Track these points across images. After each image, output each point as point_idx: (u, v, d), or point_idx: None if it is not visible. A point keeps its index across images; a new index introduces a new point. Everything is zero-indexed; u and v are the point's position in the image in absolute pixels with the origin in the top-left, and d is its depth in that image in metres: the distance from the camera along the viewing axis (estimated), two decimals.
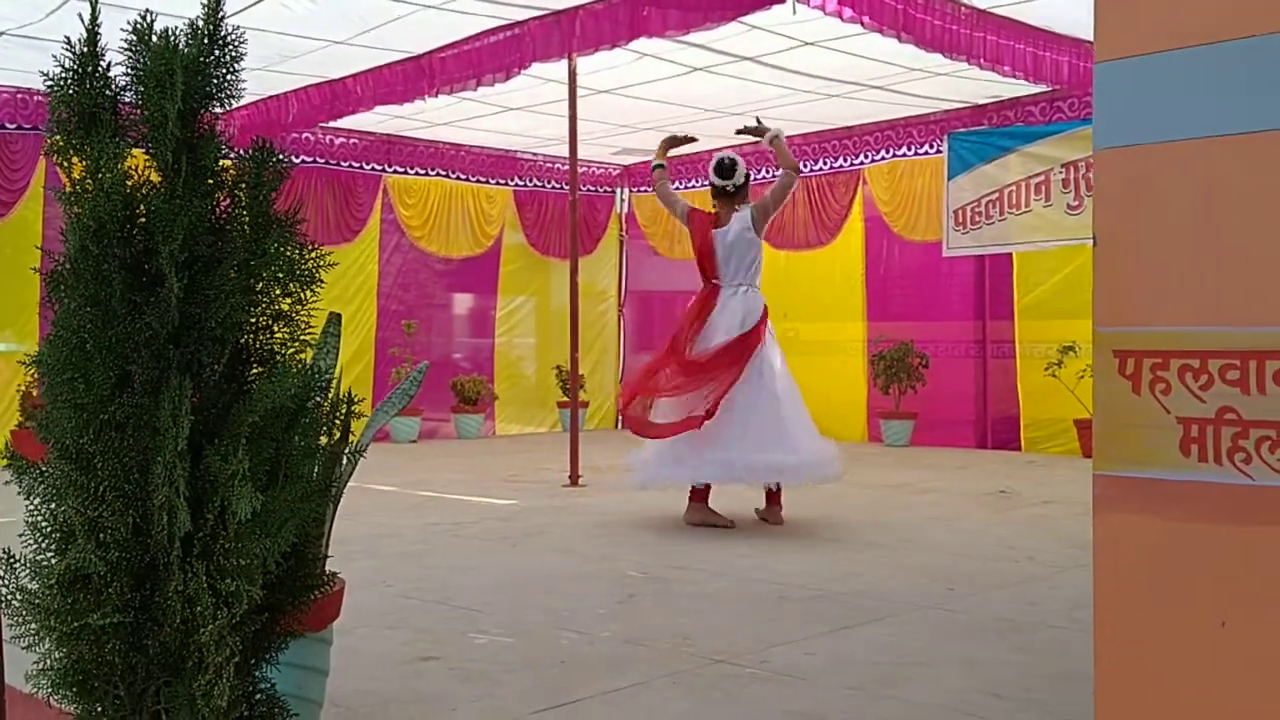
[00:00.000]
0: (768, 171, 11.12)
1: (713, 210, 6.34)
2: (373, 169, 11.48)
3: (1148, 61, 1.98)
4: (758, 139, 6.51)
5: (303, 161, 10.88)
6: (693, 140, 6.80)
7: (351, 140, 11.26)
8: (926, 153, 10.77)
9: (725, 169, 6.27)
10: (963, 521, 6.32)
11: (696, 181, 11.57)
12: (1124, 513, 1.95)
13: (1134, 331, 1.96)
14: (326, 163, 11.16)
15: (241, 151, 2.12)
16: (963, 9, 7.08)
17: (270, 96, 9.30)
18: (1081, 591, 4.17)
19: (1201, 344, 1.89)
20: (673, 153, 6.83)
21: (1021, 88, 9.31)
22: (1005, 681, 3.28)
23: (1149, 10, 2.00)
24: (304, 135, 10.77)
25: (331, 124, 10.24)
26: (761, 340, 6.03)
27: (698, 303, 6.24)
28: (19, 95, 9.31)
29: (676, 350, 6.11)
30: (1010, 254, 10.23)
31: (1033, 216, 9.86)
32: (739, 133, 6.63)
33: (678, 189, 12.90)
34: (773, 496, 6.22)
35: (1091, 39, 2.06)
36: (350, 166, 11.33)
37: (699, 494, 6.16)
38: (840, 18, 6.59)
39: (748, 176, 6.32)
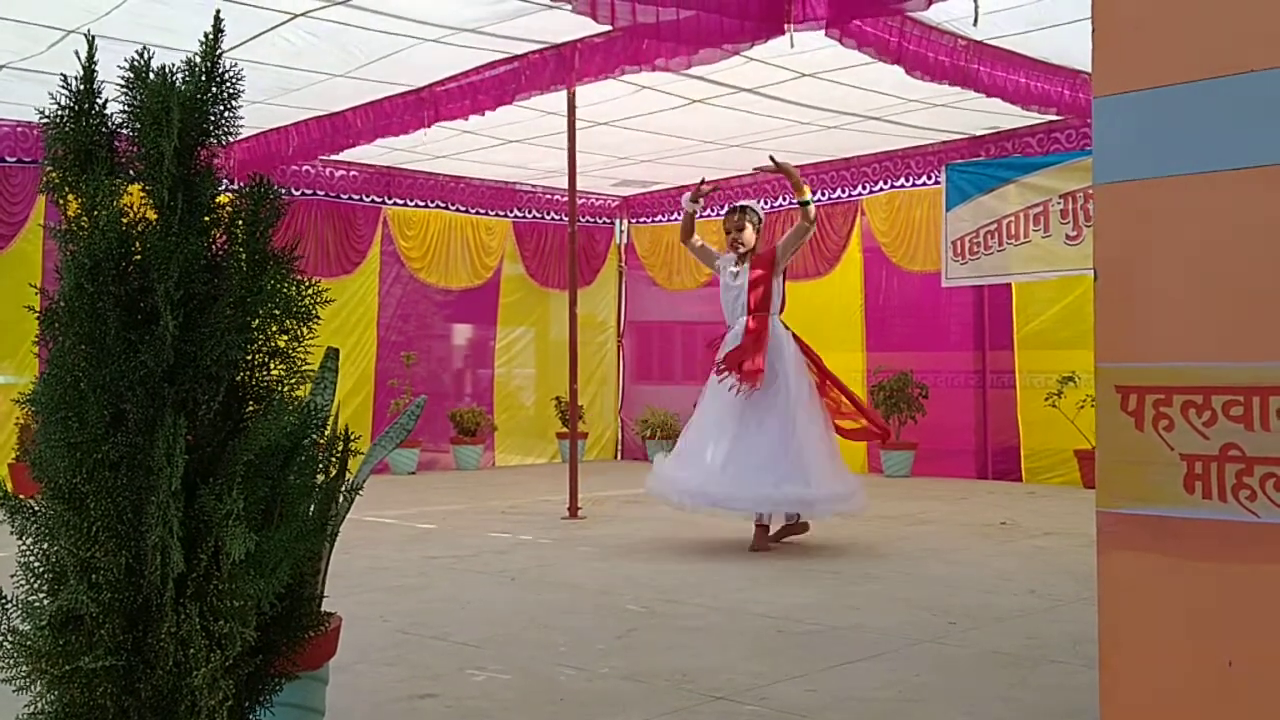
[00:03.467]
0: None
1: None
2: (372, 201, 11.51)
3: (1146, 96, 1.98)
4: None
5: (303, 194, 10.91)
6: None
7: (351, 173, 11.29)
8: (925, 184, 10.80)
9: None
10: (963, 553, 6.28)
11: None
12: (1128, 550, 1.93)
13: (1136, 367, 1.94)
14: (327, 195, 11.19)
15: (240, 186, 2.12)
16: (959, 40, 7.11)
17: (270, 130, 9.33)
18: (1083, 625, 4.14)
19: (1204, 380, 1.87)
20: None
21: (1019, 119, 9.34)
22: (1006, 717, 3.24)
23: (1147, 46, 2.00)
24: (304, 168, 10.80)
25: (331, 157, 10.27)
26: None
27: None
28: (19, 129, 9.34)
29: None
30: (1009, 284, 10.23)
31: (1031, 247, 9.87)
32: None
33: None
34: (763, 527, 6.44)
35: (1088, 70, 2.05)
36: (350, 199, 11.36)
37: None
38: (860, 45, 6.65)
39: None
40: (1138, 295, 1.96)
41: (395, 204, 11.65)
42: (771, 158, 6.58)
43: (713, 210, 10.61)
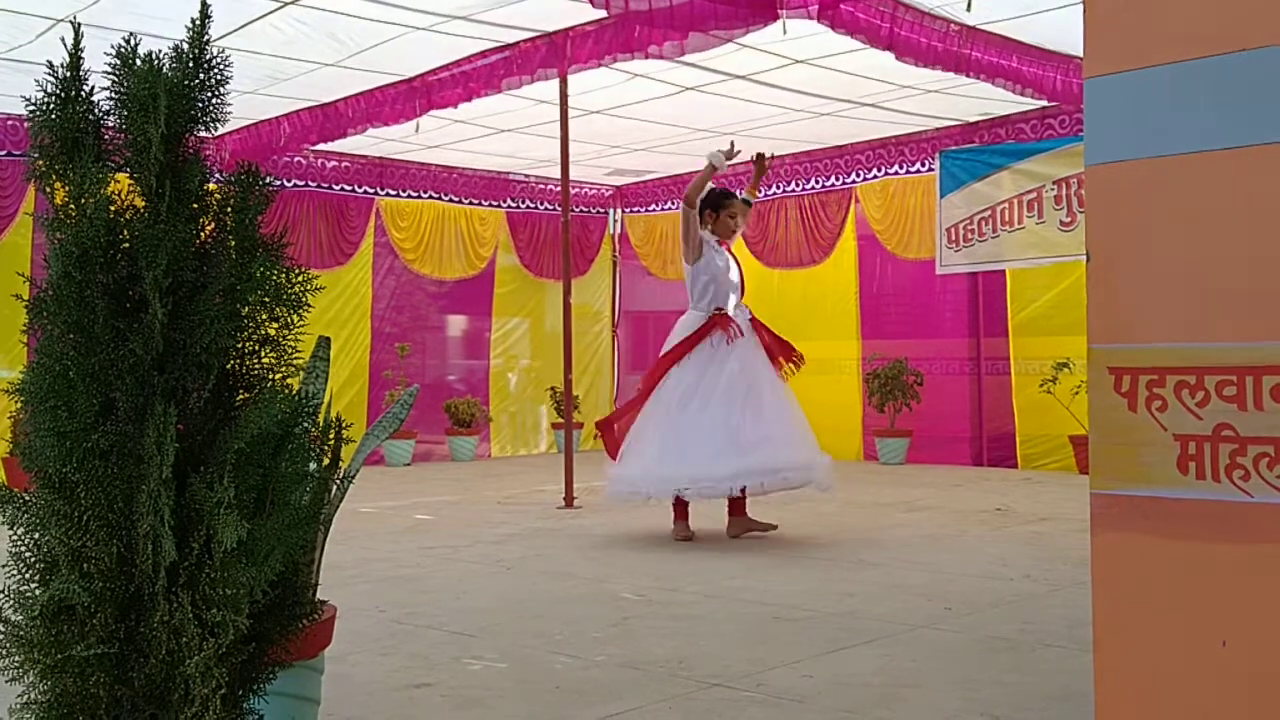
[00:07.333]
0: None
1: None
2: (365, 192, 11.48)
3: (1137, 76, 1.97)
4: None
5: (295, 185, 10.89)
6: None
7: (344, 163, 11.26)
8: (919, 171, 10.79)
9: None
10: (959, 540, 6.29)
11: None
12: (1122, 532, 1.93)
13: (1129, 349, 1.94)
14: (319, 186, 11.16)
15: (229, 175, 2.10)
16: (952, 25, 7.09)
17: (262, 120, 9.30)
18: (1079, 610, 4.15)
19: (1197, 360, 1.87)
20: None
21: (1012, 105, 9.34)
22: (1002, 702, 3.24)
23: (1138, 25, 1.99)
24: (296, 158, 10.77)
25: (324, 147, 10.25)
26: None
27: None
28: (9, 121, 9.30)
29: None
30: (1004, 271, 10.23)
31: (1025, 233, 9.87)
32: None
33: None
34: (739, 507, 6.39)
35: (1082, 55, 2.04)
36: (343, 189, 11.33)
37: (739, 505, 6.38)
38: (851, 31, 6.66)
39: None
40: (1130, 276, 1.96)
41: (388, 194, 11.63)
42: (773, 155, 6.85)
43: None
